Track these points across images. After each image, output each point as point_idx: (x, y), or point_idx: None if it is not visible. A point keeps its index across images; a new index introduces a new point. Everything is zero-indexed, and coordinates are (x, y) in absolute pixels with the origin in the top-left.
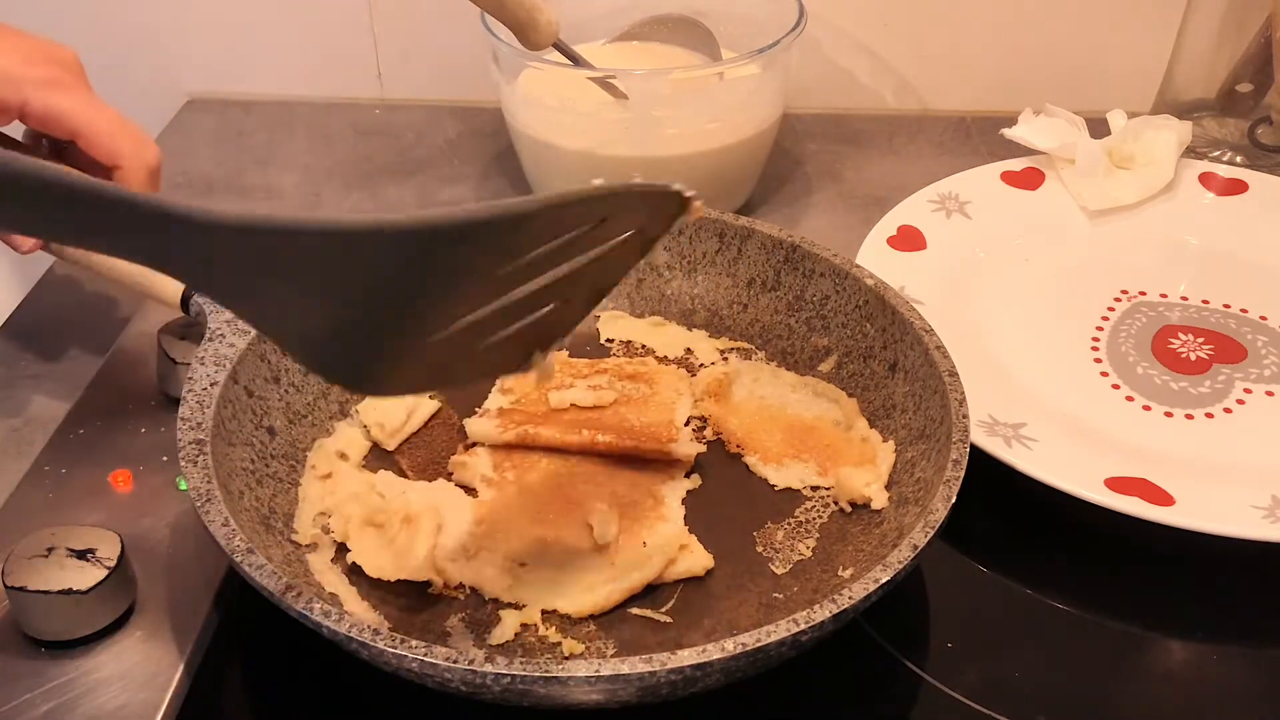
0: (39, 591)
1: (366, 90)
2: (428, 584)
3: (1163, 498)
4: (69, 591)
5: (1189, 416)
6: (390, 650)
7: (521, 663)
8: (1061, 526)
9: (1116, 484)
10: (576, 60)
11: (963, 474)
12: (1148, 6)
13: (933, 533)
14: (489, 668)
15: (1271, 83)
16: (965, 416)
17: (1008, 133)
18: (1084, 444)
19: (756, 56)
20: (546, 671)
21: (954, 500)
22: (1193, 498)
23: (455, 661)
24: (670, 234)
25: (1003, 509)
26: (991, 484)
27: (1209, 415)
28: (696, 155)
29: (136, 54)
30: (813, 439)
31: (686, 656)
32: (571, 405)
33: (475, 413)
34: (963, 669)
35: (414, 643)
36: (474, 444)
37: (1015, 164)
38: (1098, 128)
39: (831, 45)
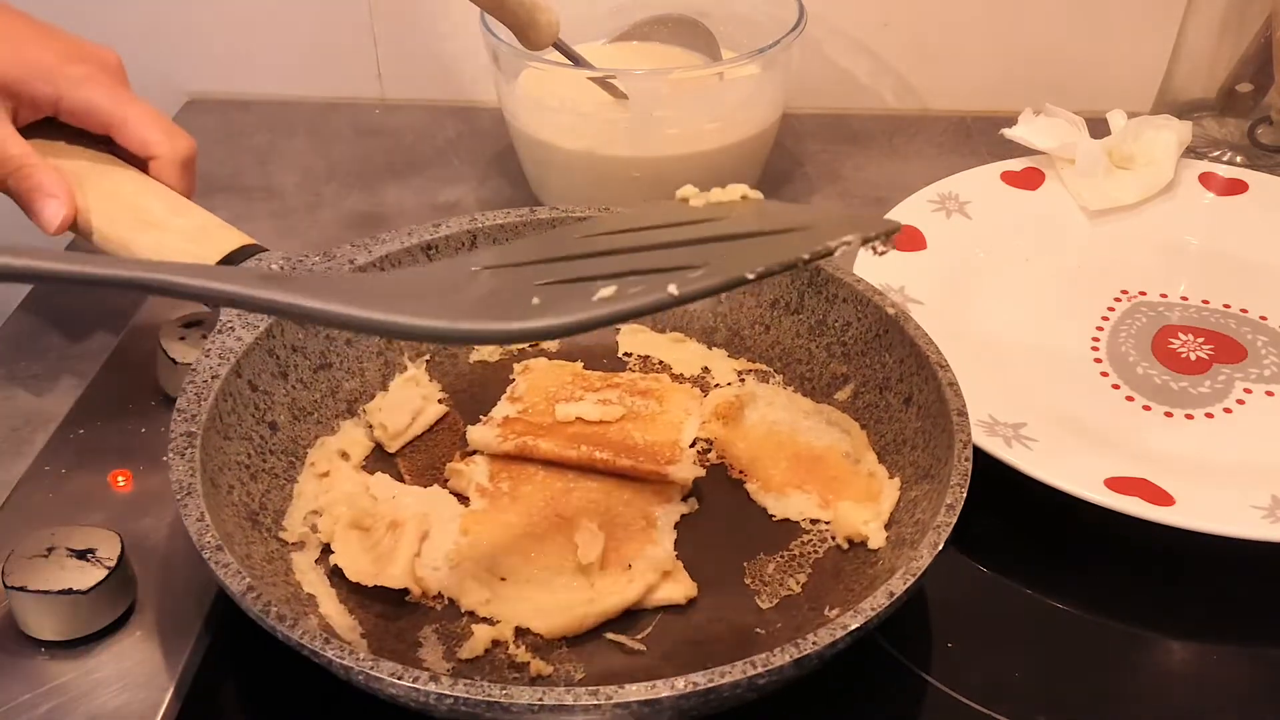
0: (39, 591)
1: (366, 90)
2: (407, 591)
3: (1163, 498)
4: (69, 591)
5: (1189, 416)
6: (338, 660)
7: (465, 685)
8: (1061, 526)
9: (1116, 484)
10: (576, 60)
11: (954, 521)
12: (1148, 6)
13: (913, 580)
14: (433, 687)
15: (1271, 83)
16: (967, 460)
17: (1008, 133)
18: (1084, 444)
19: (756, 56)
20: (489, 696)
21: (940, 548)
22: (1193, 498)
23: (400, 678)
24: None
25: (1003, 509)
26: (992, 484)
27: (1209, 415)
28: (696, 155)
29: (136, 54)
30: (819, 469)
31: (634, 692)
32: (577, 419)
33: (481, 420)
34: (963, 669)
35: (361, 655)
36: (473, 452)
37: (1015, 164)
38: (1098, 128)
39: (831, 45)
